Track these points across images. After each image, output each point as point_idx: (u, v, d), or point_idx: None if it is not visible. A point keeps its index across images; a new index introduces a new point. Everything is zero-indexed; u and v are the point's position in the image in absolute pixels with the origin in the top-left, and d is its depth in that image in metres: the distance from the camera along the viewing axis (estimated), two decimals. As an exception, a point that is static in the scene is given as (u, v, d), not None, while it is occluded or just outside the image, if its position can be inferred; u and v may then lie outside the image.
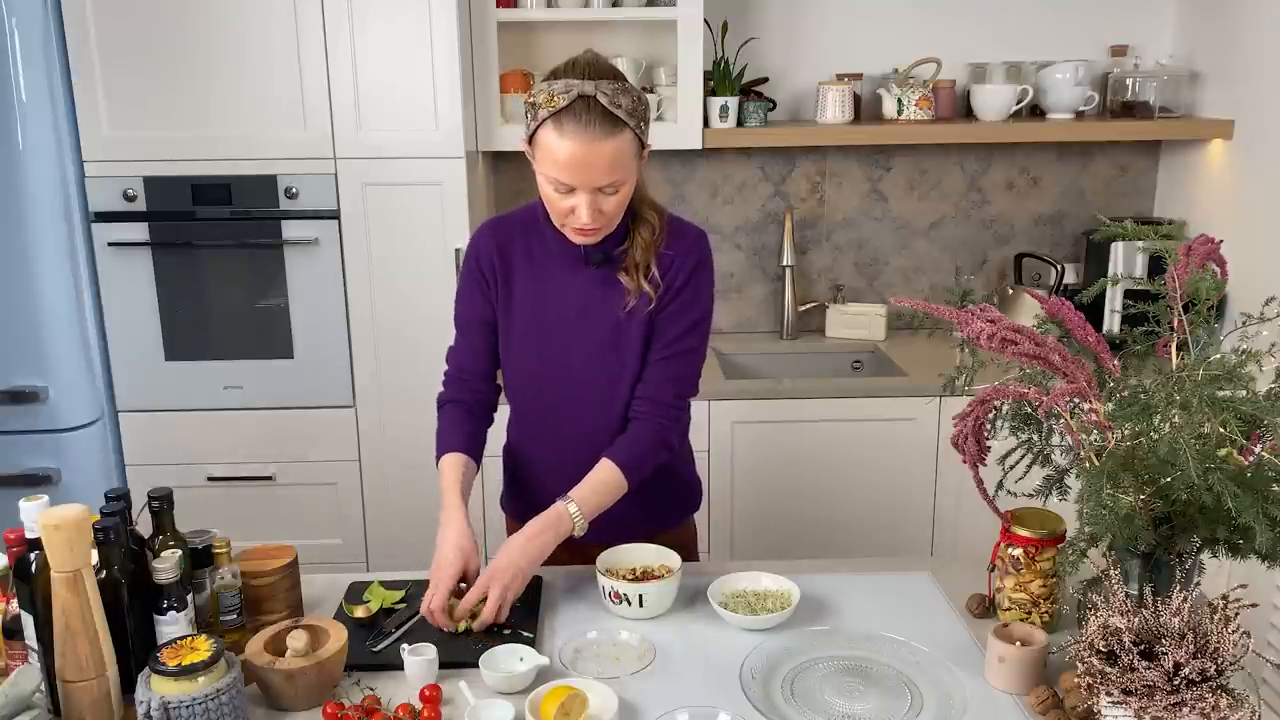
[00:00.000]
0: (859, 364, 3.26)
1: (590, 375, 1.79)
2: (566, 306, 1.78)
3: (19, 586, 1.41)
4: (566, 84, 1.57)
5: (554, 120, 1.57)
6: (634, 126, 1.59)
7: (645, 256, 1.73)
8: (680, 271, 1.74)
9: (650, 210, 1.75)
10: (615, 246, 1.74)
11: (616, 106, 1.56)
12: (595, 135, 1.56)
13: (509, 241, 1.81)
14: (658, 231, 1.74)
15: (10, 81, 2.49)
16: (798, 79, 3.21)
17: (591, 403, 1.80)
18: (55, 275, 2.64)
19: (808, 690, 1.48)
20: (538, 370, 1.82)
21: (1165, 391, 1.33)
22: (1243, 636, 1.24)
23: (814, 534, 2.89)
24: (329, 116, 2.67)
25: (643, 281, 1.72)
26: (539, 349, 1.81)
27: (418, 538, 2.89)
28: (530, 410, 1.88)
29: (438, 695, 1.45)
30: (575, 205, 1.62)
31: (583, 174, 1.58)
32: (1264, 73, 2.78)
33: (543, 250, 1.78)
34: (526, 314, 1.80)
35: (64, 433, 2.71)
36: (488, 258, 1.81)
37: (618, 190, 1.62)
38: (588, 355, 1.78)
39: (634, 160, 1.62)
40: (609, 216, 1.65)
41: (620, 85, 1.58)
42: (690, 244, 1.77)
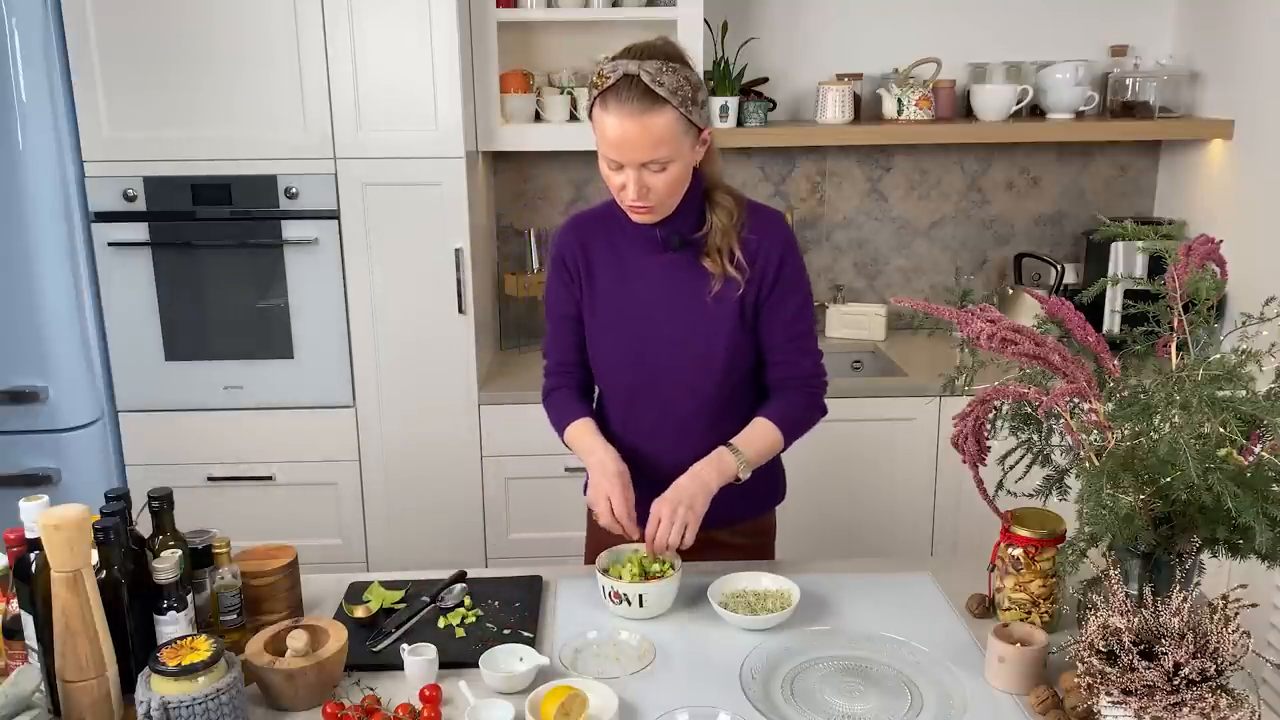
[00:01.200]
0: (859, 364, 3.26)
1: (676, 360, 1.81)
2: (649, 293, 1.80)
3: (19, 586, 1.41)
4: (615, 64, 1.64)
5: (601, 98, 1.64)
6: (677, 105, 1.62)
7: (725, 240, 1.76)
8: (772, 256, 1.77)
9: (725, 195, 1.77)
10: (693, 231, 1.77)
11: (658, 85, 1.60)
12: (634, 111, 1.61)
13: (591, 236, 1.85)
14: (735, 216, 1.76)
15: (10, 81, 2.49)
16: (798, 79, 3.21)
17: (674, 390, 1.82)
18: (55, 275, 2.64)
19: (808, 690, 1.48)
20: (624, 358, 1.85)
21: (1165, 391, 1.33)
22: (1243, 636, 1.24)
23: (814, 534, 2.89)
24: (329, 117, 2.67)
25: (727, 265, 1.75)
26: (625, 337, 1.83)
27: (418, 538, 2.91)
28: (619, 398, 1.90)
29: (438, 695, 1.45)
30: (625, 181, 1.67)
31: (625, 150, 1.63)
32: (1264, 73, 2.78)
33: (624, 241, 1.82)
34: (611, 304, 1.83)
35: (64, 433, 2.71)
36: (571, 255, 1.86)
37: (665, 168, 1.65)
38: (672, 340, 1.80)
39: (681, 139, 1.65)
40: (660, 194, 1.68)
41: (667, 65, 1.62)
42: (774, 227, 1.80)
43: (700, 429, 1.81)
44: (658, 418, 1.84)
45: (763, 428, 1.80)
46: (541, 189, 3.27)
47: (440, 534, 2.91)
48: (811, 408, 1.86)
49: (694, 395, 1.82)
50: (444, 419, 2.85)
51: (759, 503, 1.97)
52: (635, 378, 1.85)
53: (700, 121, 1.67)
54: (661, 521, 1.68)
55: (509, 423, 2.86)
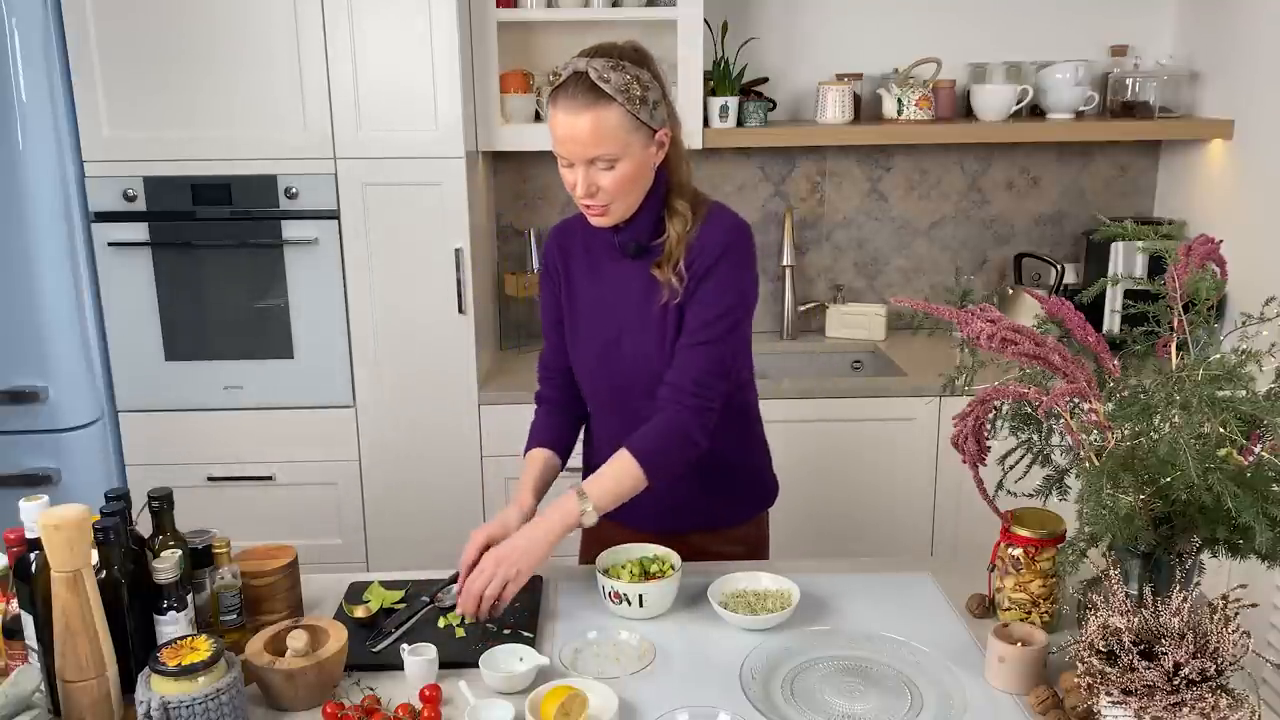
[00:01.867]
0: (859, 364, 3.26)
1: (640, 368, 1.80)
2: (614, 301, 1.80)
3: (19, 586, 1.41)
4: (568, 63, 1.65)
5: (552, 96, 1.65)
6: (623, 103, 1.61)
7: (678, 250, 1.73)
8: (706, 259, 1.72)
9: (685, 202, 1.74)
10: (650, 238, 1.75)
11: (604, 81, 1.60)
12: (579, 106, 1.61)
13: (570, 241, 1.86)
14: (690, 224, 1.74)
15: (10, 81, 2.49)
16: (798, 79, 3.21)
17: (641, 398, 1.80)
18: (55, 275, 2.64)
19: (808, 690, 1.48)
20: (593, 365, 1.85)
21: (1165, 391, 1.33)
22: (1243, 636, 1.24)
23: (813, 534, 2.89)
24: (329, 116, 2.67)
25: (671, 274, 1.73)
26: (597, 344, 1.83)
27: (418, 538, 2.90)
28: (596, 403, 1.90)
29: (438, 695, 1.45)
30: (575, 179, 1.67)
31: (572, 145, 1.64)
32: (1264, 73, 2.78)
33: (598, 247, 1.82)
34: (583, 310, 1.84)
35: (64, 433, 2.71)
36: (552, 260, 1.87)
37: (612, 166, 1.64)
38: (635, 348, 1.79)
39: (629, 136, 1.63)
40: (609, 193, 1.67)
41: (617, 63, 1.62)
42: (720, 232, 1.73)
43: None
44: (629, 425, 1.81)
45: (622, 467, 1.68)
46: (541, 189, 3.27)
47: (440, 534, 2.90)
48: (683, 440, 1.70)
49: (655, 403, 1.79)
50: (444, 419, 2.85)
51: (746, 508, 1.97)
52: (604, 384, 1.85)
53: (652, 122, 1.65)
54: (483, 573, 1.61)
55: (509, 423, 2.85)
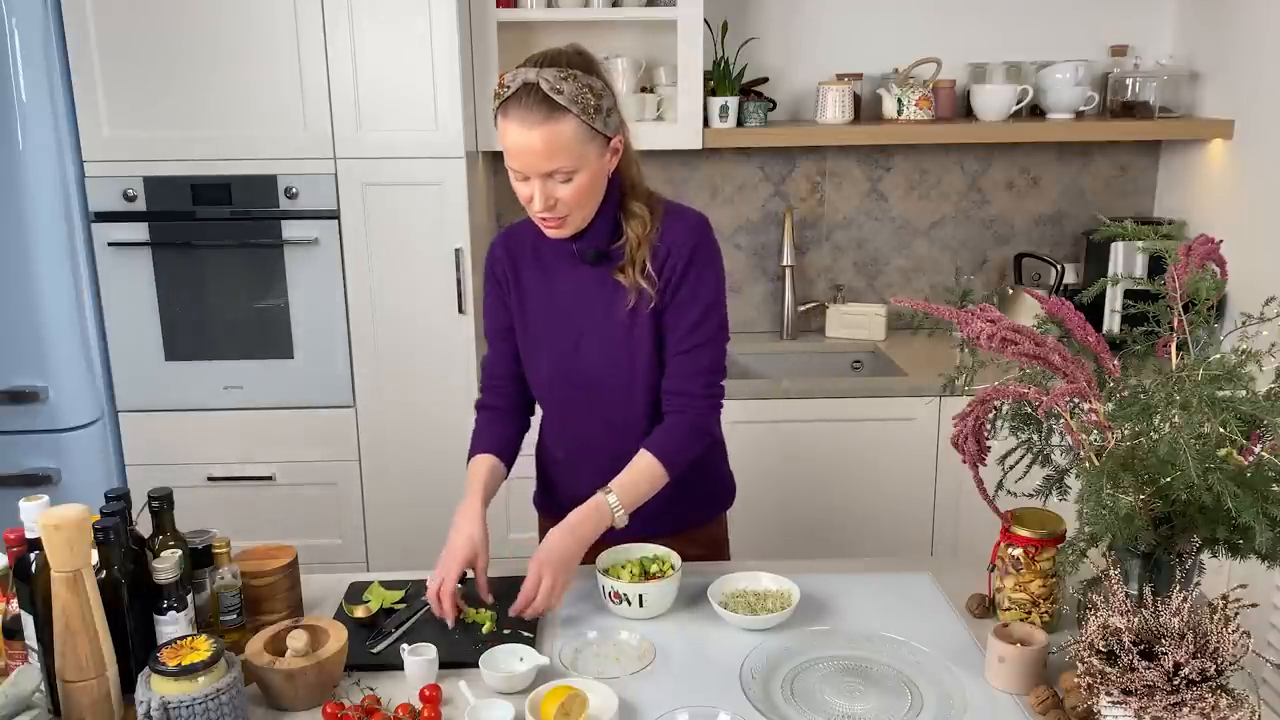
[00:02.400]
0: (859, 364, 3.26)
1: (602, 375, 1.79)
2: (572, 308, 1.78)
3: (19, 586, 1.41)
4: (516, 72, 1.60)
5: (502, 107, 1.61)
6: (578, 114, 1.58)
7: (640, 253, 1.72)
8: (677, 263, 1.72)
9: (641, 204, 1.73)
10: (608, 243, 1.73)
11: (557, 93, 1.57)
12: (532, 120, 1.57)
13: (519, 248, 1.83)
14: (649, 226, 1.72)
15: (10, 81, 2.49)
16: (798, 79, 3.21)
17: (606, 402, 1.81)
18: (55, 275, 2.64)
19: (808, 690, 1.48)
20: (553, 372, 1.83)
21: (1165, 391, 1.33)
22: (1243, 636, 1.24)
23: (814, 534, 2.89)
24: (329, 116, 2.67)
25: (638, 278, 1.71)
26: (552, 352, 1.81)
27: (418, 538, 2.90)
28: (552, 411, 1.89)
29: (438, 695, 1.45)
30: (531, 193, 1.64)
31: (525, 159, 1.60)
32: (1264, 73, 2.78)
33: (550, 253, 1.79)
34: (538, 317, 1.81)
35: (64, 433, 2.71)
36: (500, 266, 1.84)
37: (570, 178, 1.62)
38: (596, 356, 1.78)
39: (585, 147, 1.61)
40: (567, 205, 1.64)
41: (568, 73, 1.58)
42: (684, 233, 1.73)
43: (637, 433, 1.77)
44: (593, 430, 1.82)
45: (645, 464, 1.72)
46: (541, 189, 3.27)
47: (441, 534, 2.87)
48: (695, 433, 1.76)
49: (626, 407, 1.80)
50: (444, 419, 2.85)
51: (706, 509, 1.96)
52: (566, 391, 1.83)
53: (606, 130, 1.63)
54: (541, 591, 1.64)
55: (509, 423, 2.85)
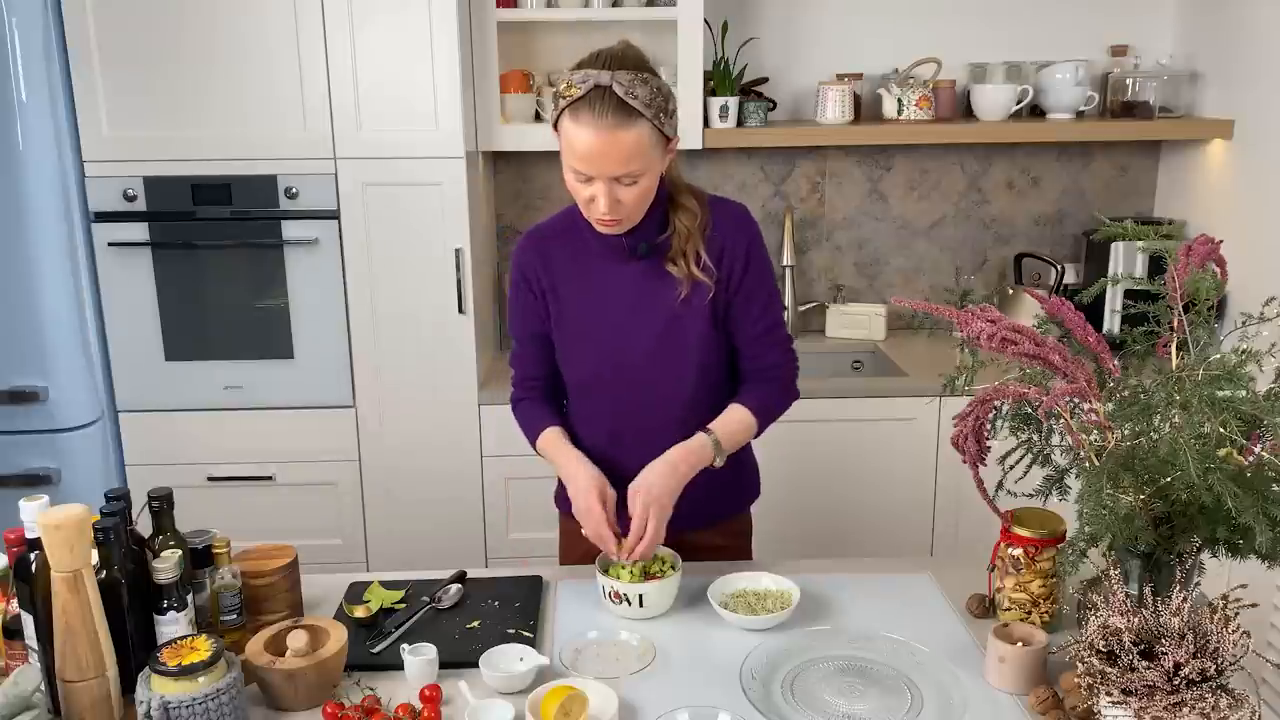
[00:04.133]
0: (859, 364, 3.26)
1: (650, 370, 1.80)
2: (618, 304, 1.78)
3: (19, 586, 1.41)
4: (585, 74, 1.59)
5: (571, 110, 1.59)
6: (651, 118, 1.58)
7: (691, 244, 1.73)
8: (737, 256, 1.76)
9: (688, 197, 1.75)
10: (658, 235, 1.75)
11: (632, 97, 1.56)
12: (609, 125, 1.56)
13: (550, 250, 1.82)
14: (699, 218, 1.74)
15: (10, 81, 2.49)
16: (798, 79, 3.21)
17: (656, 395, 1.81)
18: (55, 275, 2.64)
19: (808, 690, 1.48)
20: (598, 369, 1.83)
21: (1165, 391, 1.33)
22: (1243, 636, 1.24)
23: (814, 534, 2.89)
24: (329, 116, 2.67)
25: (694, 269, 1.73)
26: (596, 350, 1.81)
27: (418, 538, 2.90)
28: (596, 408, 1.87)
29: (438, 695, 1.45)
30: (594, 194, 1.63)
31: (598, 163, 1.59)
32: (1264, 73, 2.78)
33: (586, 252, 1.79)
34: (579, 317, 1.81)
35: (64, 433, 2.71)
36: (531, 270, 1.82)
37: (636, 181, 1.62)
38: (645, 350, 1.79)
39: (653, 151, 1.62)
40: (629, 207, 1.65)
41: (639, 76, 1.58)
42: (737, 225, 1.78)
43: (680, 432, 1.78)
44: (636, 425, 1.82)
45: (738, 415, 1.79)
46: (541, 189, 3.27)
47: (440, 534, 2.91)
48: (785, 394, 1.86)
49: (671, 400, 1.81)
50: (444, 419, 2.85)
51: (736, 501, 1.98)
52: (611, 388, 1.83)
53: (670, 132, 1.64)
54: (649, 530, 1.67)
55: (509, 423, 2.82)
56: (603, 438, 1.86)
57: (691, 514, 1.77)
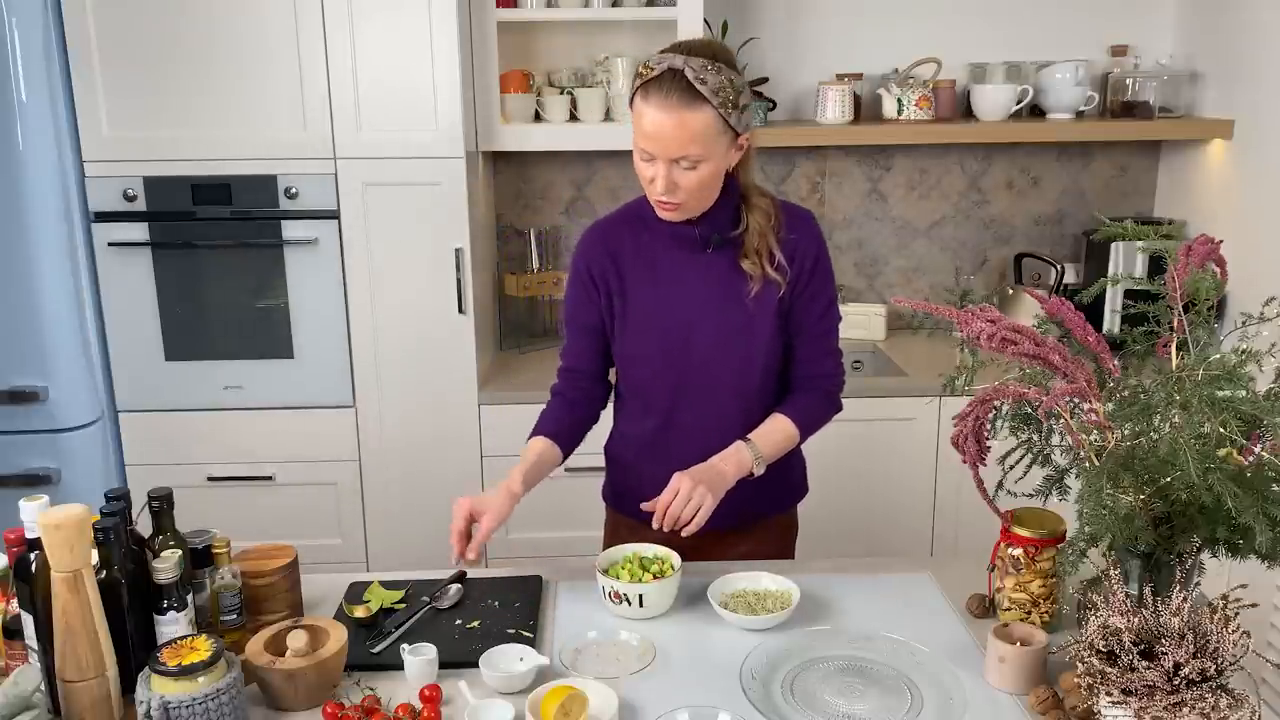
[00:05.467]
0: (859, 364, 3.26)
1: (717, 364, 1.81)
2: (687, 297, 1.79)
3: (19, 586, 1.41)
4: (661, 57, 1.63)
5: (643, 89, 1.63)
6: (716, 105, 1.61)
7: (764, 242, 1.75)
8: (807, 258, 1.79)
9: (761, 197, 1.78)
10: (730, 230, 1.76)
11: (701, 83, 1.59)
12: (673, 105, 1.60)
13: (619, 242, 1.83)
14: (773, 218, 1.76)
15: (10, 81, 2.49)
16: (798, 79, 3.21)
17: (719, 388, 1.82)
18: (55, 275, 2.64)
19: (808, 690, 1.48)
20: (663, 360, 1.83)
21: (1165, 391, 1.33)
22: (1243, 636, 1.24)
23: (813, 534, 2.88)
24: (329, 116, 2.67)
25: (767, 267, 1.75)
26: (658, 343, 1.82)
27: (418, 538, 2.90)
28: (656, 399, 1.87)
29: (438, 695, 1.45)
30: (654, 175, 1.66)
31: (660, 143, 1.62)
32: (1264, 73, 2.78)
33: (655, 243, 1.80)
34: (646, 309, 1.82)
35: (64, 433, 2.71)
36: (598, 263, 1.83)
37: (695, 166, 1.64)
38: (713, 344, 1.80)
39: (717, 138, 1.64)
40: (686, 192, 1.67)
41: (713, 64, 1.61)
42: (809, 229, 1.81)
43: (738, 429, 1.81)
44: (696, 418, 1.84)
45: (781, 424, 1.81)
46: (541, 189, 3.27)
47: (441, 534, 2.88)
48: (830, 406, 1.88)
49: (733, 395, 1.82)
50: (444, 419, 2.85)
51: (784, 499, 1.99)
52: (674, 379, 1.84)
53: (738, 125, 1.66)
54: (679, 494, 1.67)
55: (509, 423, 2.85)
56: (663, 426, 1.87)
57: (730, 512, 1.77)
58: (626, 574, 1.70)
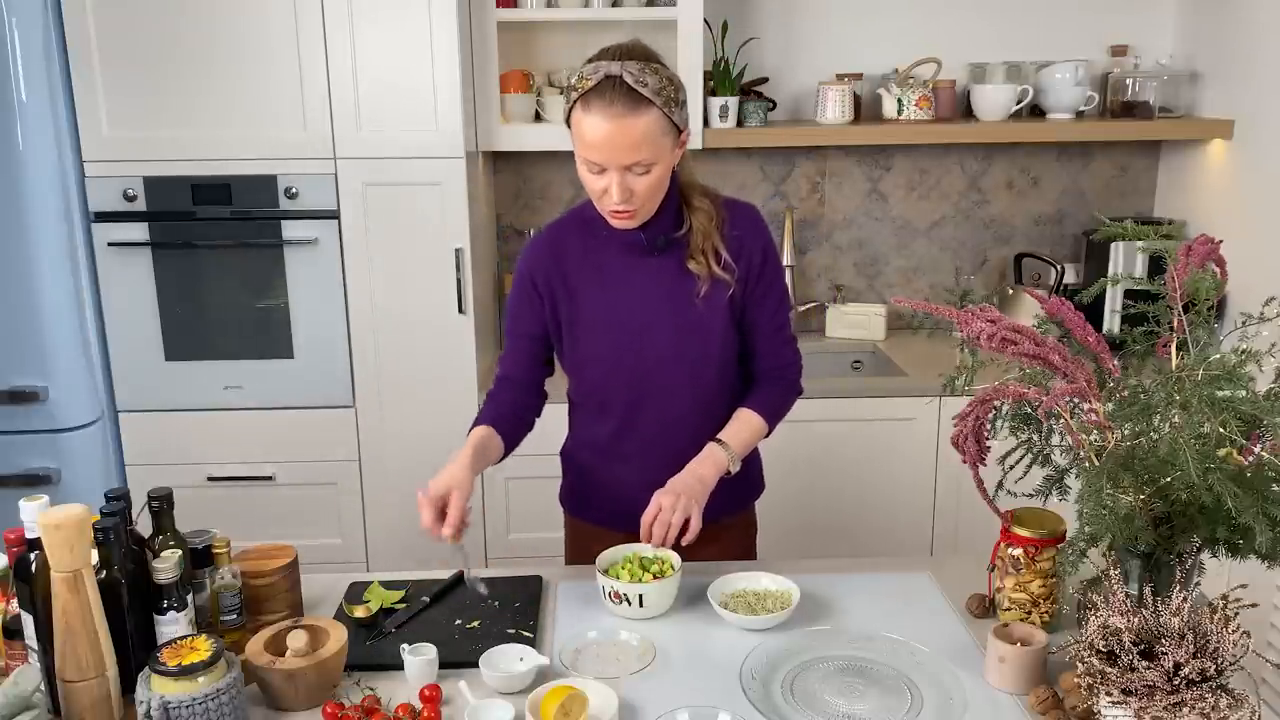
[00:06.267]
0: (859, 364, 3.26)
1: (671, 364, 1.80)
2: (635, 300, 1.79)
3: (19, 586, 1.41)
4: (596, 66, 1.62)
5: (583, 100, 1.61)
6: (661, 106, 1.60)
7: (708, 241, 1.75)
8: (754, 254, 1.79)
9: (702, 196, 1.77)
10: (675, 230, 1.76)
11: (642, 85, 1.59)
12: (619, 113, 1.59)
13: (564, 249, 1.82)
14: (715, 216, 1.76)
15: (10, 81, 2.49)
16: (798, 79, 3.21)
17: (674, 390, 1.82)
18: (55, 275, 2.64)
19: (808, 690, 1.48)
20: (616, 365, 1.83)
21: (1165, 391, 1.33)
22: (1243, 636, 1.24)
23: (813, 534, 2.89)
24: (329, 116, 2.67)
25: (713, 266, 1.75)
26: (611, 347, 1.82)
27: (418, 538, 2.89)
28: (611, 405, 1.87)
29: (438, 695, 1.45)
30: (607, 185, 1.65)
31: (609, 152, 1.61)
32: (1264, 73, 2.78)
33: (602, 248, 1.80)
34: (595, 315, 1.81)
35: (64, 433, 2.71)
36: (542, 271, 1.82)
37: (648, 170, 1.64)
38: (664, 346, 1.79)
39: (664, 139, 1.64)
40: (642, 197, 1.66)
41: (649, 66, 1.61)
42: (752, 224, 1.82)
43: (696, 427, 1.81)
44: (654, 419, 1.83)
45: (748, 419, 1.82)
46: (541, 189, 3.27)
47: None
48: (792, 393, 1.90)
49: (689, 396, 1.82)
50: (444, 419, 2.85)
51: (742, 498, 1.98)
52: (628, 384, 1.83)
53: (680, 122, 1.66)
54: (662, 509, 1.67)
55: (509, 423, 2.85)
56: (621, 432, 1.86)
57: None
58: (626, 574, 1.69)
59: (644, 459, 1.82)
